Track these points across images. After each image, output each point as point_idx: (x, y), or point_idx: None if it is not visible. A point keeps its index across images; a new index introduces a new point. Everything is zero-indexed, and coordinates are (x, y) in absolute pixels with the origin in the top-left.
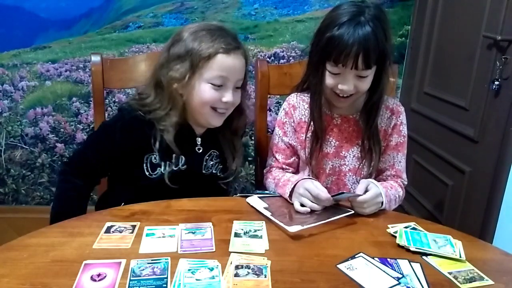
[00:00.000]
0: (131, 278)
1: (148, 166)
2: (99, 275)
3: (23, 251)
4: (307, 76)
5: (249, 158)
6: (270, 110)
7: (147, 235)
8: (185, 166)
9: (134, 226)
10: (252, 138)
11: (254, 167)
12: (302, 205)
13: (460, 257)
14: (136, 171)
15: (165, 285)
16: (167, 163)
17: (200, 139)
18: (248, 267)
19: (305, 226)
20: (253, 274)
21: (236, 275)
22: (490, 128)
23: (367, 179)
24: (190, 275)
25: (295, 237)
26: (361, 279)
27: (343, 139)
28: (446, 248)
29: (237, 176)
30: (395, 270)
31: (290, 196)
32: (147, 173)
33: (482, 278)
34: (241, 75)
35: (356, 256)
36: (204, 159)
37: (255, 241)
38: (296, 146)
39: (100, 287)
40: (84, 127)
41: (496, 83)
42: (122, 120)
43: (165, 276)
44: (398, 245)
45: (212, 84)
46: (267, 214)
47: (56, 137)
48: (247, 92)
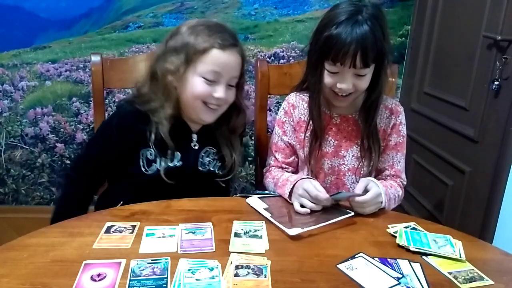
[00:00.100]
0: (131, 278)
1: (144, 162)
2: (99, 275)
3: (23, 251)
4: (307, 76)
5: (249, 158)
6: (270, 110)
7: (147, 235)
8: (181, 162)
9: (134, 226)
10: (252, 138)
11: (254, 167)
12: (302, 206)
13: (460, 257)
14: (133, 167)
15: (165, 285)
16: (162, 158)
17: (196, 136)
18: (248, 267)
19: (305, 229)
20: (253, 274)
21: (236, 275)
22: (490, 128)
23: (367, 177)
24: (190, 275)
25: (295, 237)
26: (361, 279)
27: (342, 139)
28: (446, 248)
29: (236, 175)
30: (395, 270)
31: (290, 196)
32: (143, 169)
33: (482, 278)
34: (236, 73)
35: (356, 256)
36: (200, 156)
37: (255, 241)
38: (296, 145)
39: (100, 287)
40: (84, 127)
41: (496, 83)
42: (118, 116)
43: (165, 276)
44: (398, 245)
45: (204, 78)
46: (267, 215)
47: (56, 137)
48: (246, 91)
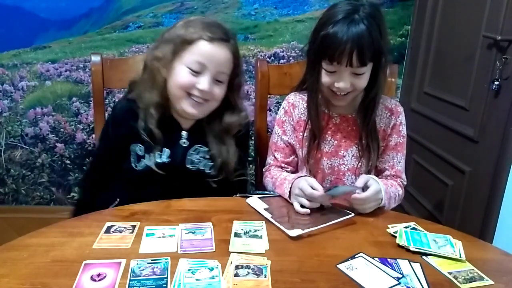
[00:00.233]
0: (131, 278)
1: (134, 157)
2: (99, 275)
3: (23, 251)
4: (306, 76)
5: (249, 158)
6: (270, 110)
7: (147, 235)
8: (169, 159)
9: (134, 226)
10: (252, 138)
11: (254, 167)
12: (302, 206)
13: (460, 257)
14: (125, 163)
15: (165, 285)
16: (151, 154)
17: (186, 133)
18: (248, 267)
19: (305, 230)
20: (253, 274)
21: (236, 275)
22: (490, 128)
23: (367, 175)
24: (190, 275)
25: (295, 238)
26: (361, 279)
27: (342, 138)
28: (446, 248)
29: (229, 176)
30: (395, 270)
31: (290, 196)
32: (133, 165)
33: (482, 278)
34: (223, 69)
35: (356, 256)
36: (189, 153)
37: (255, 241)
38: (295, 144)
39: (100, 287)
40: (84, 127)
41: (496, 83)
42: (113, 113)
43: (165, 276)
44: (398, 245)
45: (189, 68)
46: (268, 216)
47: (56, 137)
48: (246, 91)
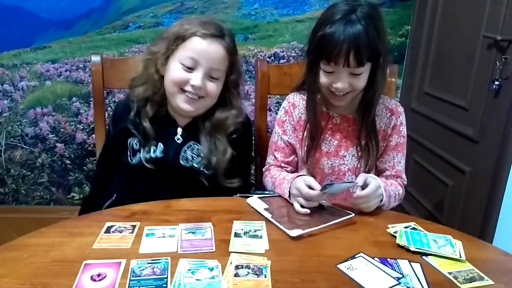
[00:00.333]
0: (131, 278)
1: (130, 152)
2: (99, 275)
3: (23, 251)
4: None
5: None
6: (270, 110)
7: (147, 235)
8: (162, 154)
9: (134, 226)
10: (252, 138)
11: (254, 166)
12: (303, 206)
13: (460, 257)
14: (122, 157)
15: (165, 285)
16: (145, 149)
17: (181, 130)
18: (248, 267)
19: (306, 230)
20: (253, 274)
21: (236, 275)
22: (490, 128)
23: (366, 174)
24: (190, 275)
25: (295, 238)
26: (361, 279)
27: (342, 138)
28: (446, 248)
29: (218, 174)
30: (395, 270)
31: (290, 195)
32: (129, 159)
33: (482, 278)
34: (218, 65)
35: (356, 256)
36: (183, 150)
37: (255, 241)
38: (295, 144)
39: (100, 287)
40: (84, 127)
41: (496, 83)
42: (114, 111)
43: (165, 276)
44: (398, 245)
45: (182, 64)
46: (268, 216)
47: (56, 137)
48: (246, 91)
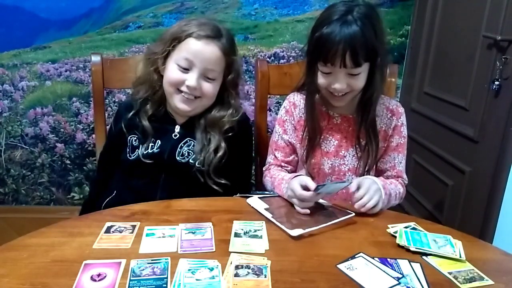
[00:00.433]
0: (131, 278)
1: (130, 148)
2: (99, 275)
3: (23, 251)
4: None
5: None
6: (270, 110)
7: (147, 235)
8: (159, 149)
9: (134, 226)
10: (252, 138)
11: (254, 166)
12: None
13: (460, 257)
14: (122, 154)
15: (165, 285)
16: (144, 145)
17: (179, 127)
18: (248, 267)
19: (306, 230)
20: (253, 274)
21: (236, 275)
22: (490, 128)
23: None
24: (190, 275)
25: (296, 237)
26: (361, 279)
27: (342, 138)
28: (446, 248)
29: (207, 170)
30: (395, 270)
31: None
32: (127, 156)
33: (482, 278)
34: (213, 66)
35: (356, 256)
36: (179, 146)
37: (255, 241)
38: (296, 144)
39: (100, 287)
40: (84, 127)
41: (496, 83)
42: (117, 110)
43: (165, 276)
44: (398, 245)
45: (178, 65)
46: (268, 216)
47: (56, 137)
48: (246, 91)
